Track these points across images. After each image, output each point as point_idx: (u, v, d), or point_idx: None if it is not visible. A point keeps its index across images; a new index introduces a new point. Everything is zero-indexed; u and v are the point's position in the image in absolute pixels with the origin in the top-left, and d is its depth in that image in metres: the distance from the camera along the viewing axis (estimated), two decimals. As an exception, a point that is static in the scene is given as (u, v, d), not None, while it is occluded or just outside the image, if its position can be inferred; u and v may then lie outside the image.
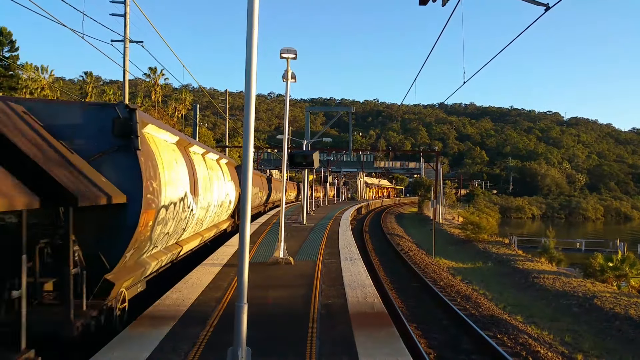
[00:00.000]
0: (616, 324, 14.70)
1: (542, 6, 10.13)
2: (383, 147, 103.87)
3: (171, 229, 10.22)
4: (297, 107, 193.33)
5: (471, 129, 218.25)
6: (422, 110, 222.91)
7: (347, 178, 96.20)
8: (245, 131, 5.75)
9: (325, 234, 21.52)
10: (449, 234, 43.18)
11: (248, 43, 5.64)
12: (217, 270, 12.13)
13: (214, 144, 65.98)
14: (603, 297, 17.32)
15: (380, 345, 6.86)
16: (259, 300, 9.11)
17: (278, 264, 13.28)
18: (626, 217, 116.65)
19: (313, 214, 34.91)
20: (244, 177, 5.76)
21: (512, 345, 11.24)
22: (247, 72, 5.68)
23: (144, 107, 49.95)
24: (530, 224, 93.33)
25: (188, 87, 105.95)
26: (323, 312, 8.51)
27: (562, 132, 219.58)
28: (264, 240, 18.29)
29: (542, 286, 20.16)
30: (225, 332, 7.15)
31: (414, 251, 29.40)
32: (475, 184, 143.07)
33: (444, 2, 10.00)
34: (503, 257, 28.53)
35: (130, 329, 7.30)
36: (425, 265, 23.34)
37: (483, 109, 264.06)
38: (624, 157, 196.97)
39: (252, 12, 5.63)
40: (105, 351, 6.35)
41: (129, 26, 22.85)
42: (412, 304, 14.91)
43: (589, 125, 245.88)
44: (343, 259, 14.47)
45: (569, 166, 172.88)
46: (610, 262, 24.01)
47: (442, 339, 11.51)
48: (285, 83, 14.49)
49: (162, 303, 8.86)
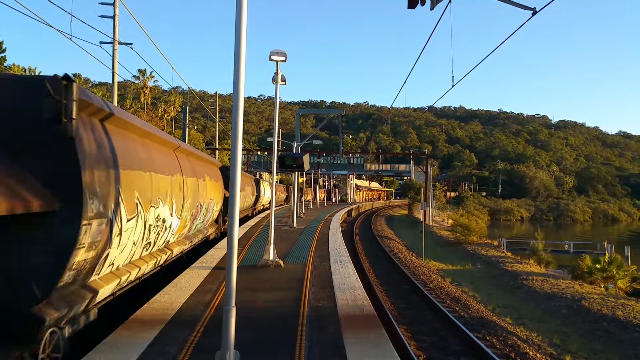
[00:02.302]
0: (604, 325, 14.83)
1: (529, 10, 10.22)
2: (373, 149, 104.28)
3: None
4: (287, 109, 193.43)
5: (460, 131, 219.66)
6: (412, 113, 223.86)
7: (338, 180, 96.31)
8: (234, 134, 5.72)
9: (315, 237, 21.50)
10: (438, 236, 43.35)
11: (237, 45, 5.63)
12: (206, 273, 12.05)
13: (203, 146, 65.73)
14: (591, 299, 17.47)
15: (369, 347, 6.85)
16: (248, 304, 9.06)
17: (268, 266, 13.23)
18: (613, 219, 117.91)
19: (303, 217, 34.88)
20: (232, 180, 5.73)
21: (502, 346, 11.29)
22: (235, 74, 5.66)
23: (133, 109, 49.60)
24: (519, 226, 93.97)
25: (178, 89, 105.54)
26: (312, 315, 8.49)
27: (551, 135, 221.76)
28: (253, 243, 18.22)
29: (531, 288, 20.29)
30: (214, 335, 7.10)
31: (404, 253, 29.46)
32: (465, 187, 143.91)
33: (433, 6, 10.05)
34: (492, 259, 28.69)
35: (117, 333, 7.22)
36: (415, 268, 23.40)
37: (472, 112, 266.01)
38: (611, 159, 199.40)
39: (240, 15, 5.62)
40: (91, 356, 6.27)
41: (117, 28, 22.72)
42: (402, 306, 14.92)
43: (576, 129, 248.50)
44: (333, 262, 14.45)
45: (557, 169, 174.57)
46: (598, 263, 24.24)
47: (431, 341, 11.53)
48: (275, 85, 14.47)
49: (150, 306, 8.77)
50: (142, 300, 9.08)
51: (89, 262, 6.40)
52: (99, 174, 6.29)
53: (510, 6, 10.43)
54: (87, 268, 6.42)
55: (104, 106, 6.96)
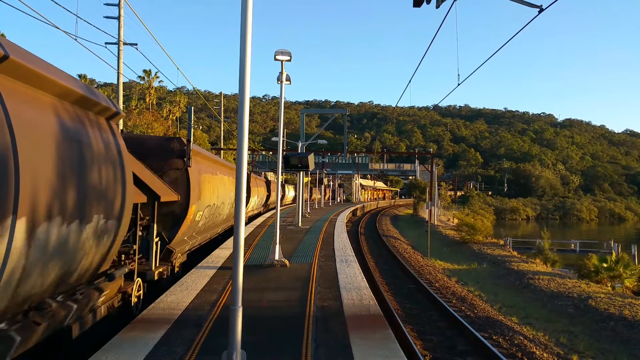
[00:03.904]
0: (611, 324, 14.75)
1: (536, 8, 10.17)
2: (378, 149, 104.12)
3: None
4: (292, 109, 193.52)
5: (466, 130, 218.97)
6: (416, 112, 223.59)
7: (343, 180, 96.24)
8: (239, 134, 5.72)
9: (320, 236, 21.50)
10: (444, 235, 43.24)
11: (242, 45, 5.63)
12: (212, 273, 12.08)
13: (209, 146, 65.84)
14: (598, 298, 17.38)
15: (376, 347, 6.84)
16: (255, 303, 9.07)
17: (274, 266, 13.24)
18: (620, 218, 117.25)
19: (308, 216, 34.89)
20: (238, 180, 5.73)
21: (508, 346, 11.25)
22: (240, 74, 5.66)
23: (138, 109, 49.76)
24: (524, 225, 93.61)
25: (183, 89, 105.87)
26: (319, 315, 8.49)
27: (556, 134, 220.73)
28: (259, 243, 18.24)
29: (537, 287, 20.21)
30: (220, 335, 7.11)
31: (410, 253, 29.40)
32: (470, 186, 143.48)
33: (438, 4, 10.02)
34: (498, 258, 28.58)
35: (124, 333, 7.24)
36: (420, 267, 23.35)
37: (477, 111, 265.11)
38: (618, 158, 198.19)
39: (246, 15, 5.62)
40: (98, 355, 6.29)
41: (123, 29, 22.79)
42: (407, 306, 14.90)
43: (582, 127, 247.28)
44: (338, 261, 14.45)
45: (563, 167, 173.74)
46: (604, 263, 24.09)
47: (437, 341, 11.50)
48: (280, 85, 14.49)
49: (156, 306, 8.80)
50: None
51: (190, 227, 12.20)
52: (195, 182, 11.74)
53: (516, 4, 10.38)
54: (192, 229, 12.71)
55: (199, 150, 13.30)
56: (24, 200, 4.45)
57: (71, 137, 5.55)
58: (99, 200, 6.14)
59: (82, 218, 5.67)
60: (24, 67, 4.83)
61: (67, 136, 5.44)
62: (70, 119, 5.68)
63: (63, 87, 5.59)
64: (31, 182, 4.58)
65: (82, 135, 5.88)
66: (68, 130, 5.52)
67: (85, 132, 6.00)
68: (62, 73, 5.72)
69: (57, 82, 5.44)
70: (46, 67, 5.31)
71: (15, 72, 4.75)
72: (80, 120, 6.00)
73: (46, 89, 5.33)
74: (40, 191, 4.76)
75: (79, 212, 5.57)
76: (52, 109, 5.37)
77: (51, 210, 4.97)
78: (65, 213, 5.25)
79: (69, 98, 5.84)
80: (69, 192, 5.34)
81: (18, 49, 4.84)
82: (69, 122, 5.63)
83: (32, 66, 4.95)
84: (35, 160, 4.71)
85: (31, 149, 4.64)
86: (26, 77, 4.94)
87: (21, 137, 4.50)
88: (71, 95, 5.85)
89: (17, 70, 4.74)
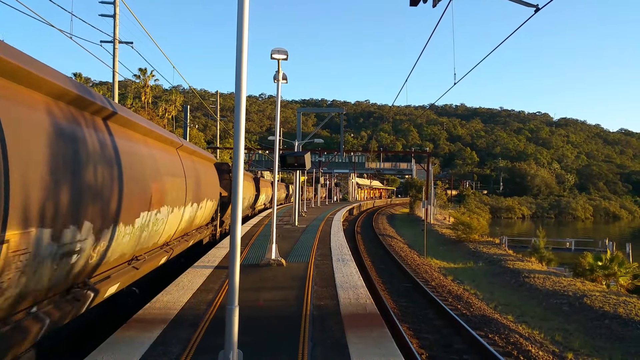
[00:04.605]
0: (605, 322, 14.83)
1: (532, 7, 10.19)
2: (374, 148, 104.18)
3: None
4: (288, 108, 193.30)
5: (462, 129, 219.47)
6: (413, 112, 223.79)
7: (339, 179, 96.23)
8: (236, 132, 5.71)
9: (317, 235, 21.50)
10: (440, 234, 43.33)
11: (238, 44, 5.61)
12: (208, 272, 12.06)
13: (205, 145, 65.68)
14: (593, 296, 17.46)
15: (372, 346, 6.85)
16: (251, 303, 9.06)
17: (270, 265, 13.23)
18: (615, 217, 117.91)
19: (305, 215, 34.87)
20: (235, 180, 5.72)
21: (504, 344, 11.29)
22: (237, 72, 5.65)
23: (134, 108, 49.56)
24: (520, 224, 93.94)
25: (178, 88, 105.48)
26: (315, 314, 8.49)
27: (552, 133, 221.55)
28: (255, 242, 18.23)
29: (533, 286, 20.28)
30: (216, 335, 7.10)
31: (406, 252, 29.46)
32: (466, 185, 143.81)
33: (435, 3, 10.02)
34: (494, 257, 28.68)
35: (120, 332, 7.22)
36: (416, 266, 23.40)
37: (473, 110, 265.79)
38: (612, 157, 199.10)
39: (242, 13, 5.60)
40: (94, 355, 6.27)
41: (118, 27, 22.71)
42: (404, 305, 14.93)
43: (577, 126, 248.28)
44: (335, 260, 14.45)
45: (559, 166, 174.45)
46: (599, 261, 24.22)
47: (433, 339, 11.53)
48: (277, 84, 14.46)
49: (152, 306, 8.78)
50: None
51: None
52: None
53: (513, 4, 10.41)
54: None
55: (224, 166, 18.61)
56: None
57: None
58: (209, 191, 14.50)
59: (199, 202, 13.06)
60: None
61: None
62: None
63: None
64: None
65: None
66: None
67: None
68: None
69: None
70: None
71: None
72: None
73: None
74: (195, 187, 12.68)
75: (199, 199, 12.96)
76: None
77: (198, 198, 13.02)
78: (195, 200, 12.48)
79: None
80: (195, 189, 12.53)
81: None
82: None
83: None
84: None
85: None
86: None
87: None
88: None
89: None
